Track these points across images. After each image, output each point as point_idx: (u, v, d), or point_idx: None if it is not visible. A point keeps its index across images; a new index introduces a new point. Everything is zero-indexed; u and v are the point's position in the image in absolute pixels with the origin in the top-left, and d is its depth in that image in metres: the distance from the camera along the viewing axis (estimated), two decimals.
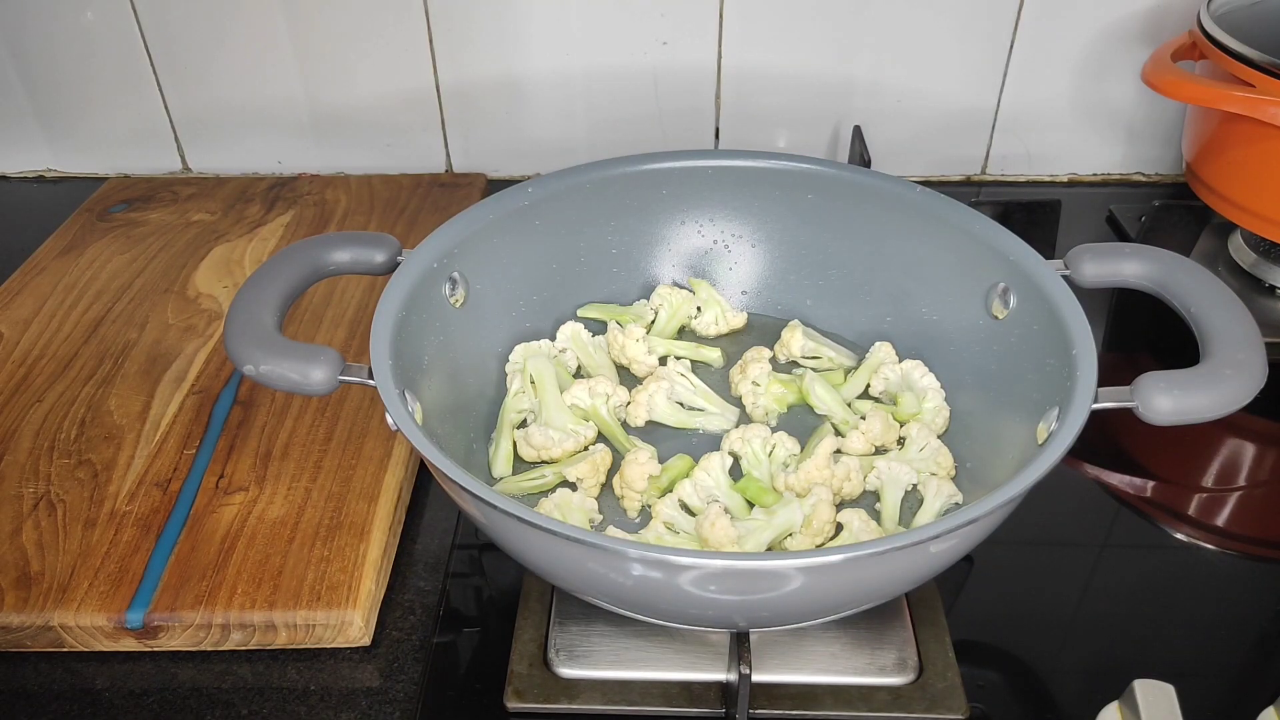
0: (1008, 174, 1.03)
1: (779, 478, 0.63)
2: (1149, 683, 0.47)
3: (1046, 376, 0.57)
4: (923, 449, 0.64)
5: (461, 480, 0.48)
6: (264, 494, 0.64)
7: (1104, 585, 0.62)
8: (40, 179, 1.06)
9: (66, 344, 0.77)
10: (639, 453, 0.62)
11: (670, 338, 0.74)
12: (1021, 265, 0.62)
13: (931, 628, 0.57)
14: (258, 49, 0.95)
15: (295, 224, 0.92)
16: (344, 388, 0.55)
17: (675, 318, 0.74)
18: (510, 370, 0.70)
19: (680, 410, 0.68)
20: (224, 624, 0.57)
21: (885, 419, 0.66)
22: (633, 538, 0.57)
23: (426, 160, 1.02)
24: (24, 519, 0.63)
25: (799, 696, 0.55)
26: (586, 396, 0.67)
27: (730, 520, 0.57)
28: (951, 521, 0.46)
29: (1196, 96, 0.75)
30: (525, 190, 0.69)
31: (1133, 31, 0.92)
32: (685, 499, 0.61)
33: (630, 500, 0.61)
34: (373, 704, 0.56)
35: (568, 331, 0.72)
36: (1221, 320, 0.55)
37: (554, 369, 0.68)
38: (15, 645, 0.58)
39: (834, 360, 0.72)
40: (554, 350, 0.71)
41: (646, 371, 0.71)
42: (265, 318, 0.56)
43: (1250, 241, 0.85)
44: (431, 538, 0.66)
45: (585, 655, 0.56)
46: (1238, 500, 0.69)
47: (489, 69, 0.96)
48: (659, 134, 1.00)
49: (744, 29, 0.93)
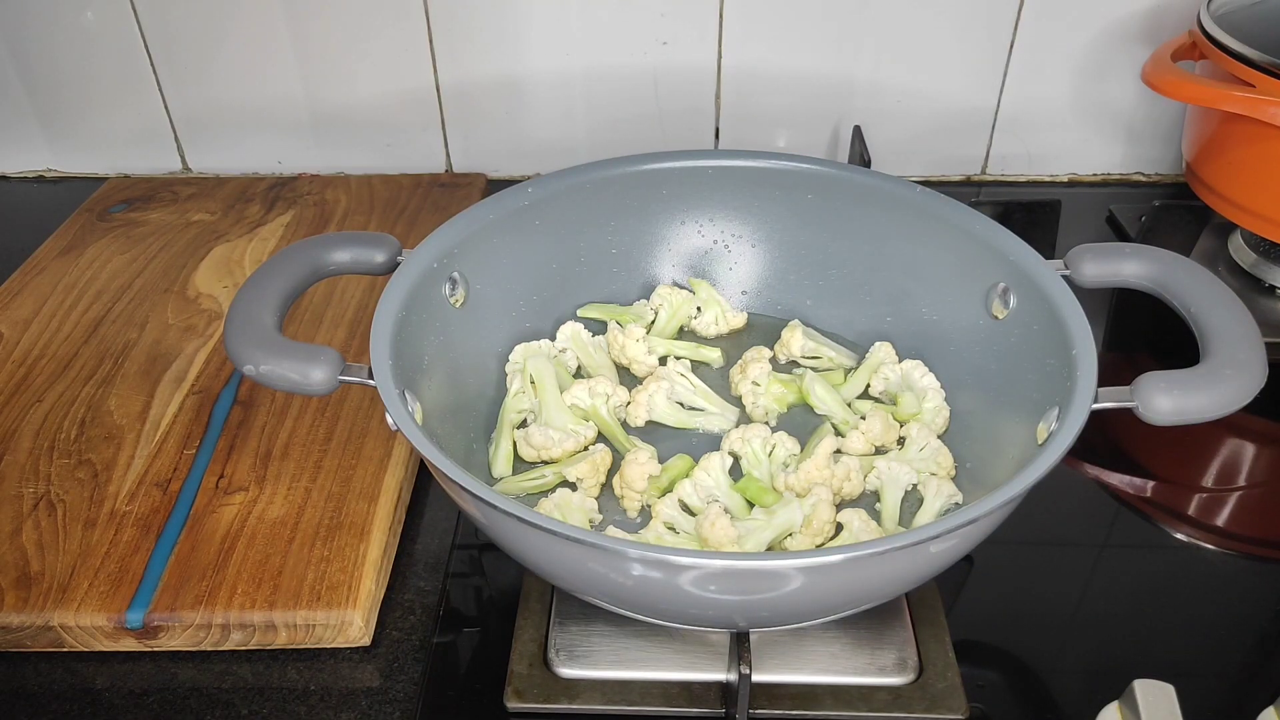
0: (1008, 174, 1.03)
1: (779, 478, 0.63)
2: (1149, 683, 0.47)
3: (1046, 376, 0.57)
4: (923, 449, 0.64)
5: (461, 480, 0.48)
6: (264, 494, 0.64)
7: (1104, 585, 0.62)
8: (40, 179, 1.06)
9: (66, 344, 0.77)
10: (639, 453, 0.62)
11: (670, 338, 0.74)
12: (1021, 265, 0.62)
13: (931, 628, 0.57)
14: (258, 49, 0.96)
15: (295, 224, 0.92)
16: (344, 388, 0.55)
17: (675, 318, 0.74)
18: (510, 370, 0.70)
19: (680, 410, 0.68)
20: (224, 624, 0.57)
21: (885, 419, 0.66)
22: (633, 538, 0.57)
23: (426, 160, 1.02)
24: (24, 519, 0.63)
25: (799, 696, 0.55)
26: (586, 396, 0.67)
27: (730, 520, 0.57)
28: (951, 521, 0.46)
29: (1196, 96, 0.75)
30: (525, 190, 0.69)
31: (1133, 31, 0.92)
32: (685, 499, 0.61)
33: (630, 500, 0.61)
34: (373, 704, 0.56)
35: (568, 331, 0.72)
36: (1221, 320, 0.55)
37: (554, 369, 0.68)
38: (15, 645, 0.58)
39: (834, 360, 0.72)
40: (554, 350, 0.71)
41: (646, 371, 0.71)
42: (265, 318, 0.56)
43: (1250, 241, 0.85)
44: (431, 538, 0.66)
45: (585, 655, 0.56)
46: (1238, 500, 0.69)
47: (489, 69, 0.96)
48: (659, 134, 1.00)
49: (744, 29, 0.93)
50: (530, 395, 0.67)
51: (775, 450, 0.64)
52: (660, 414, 0.68)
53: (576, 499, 0.61)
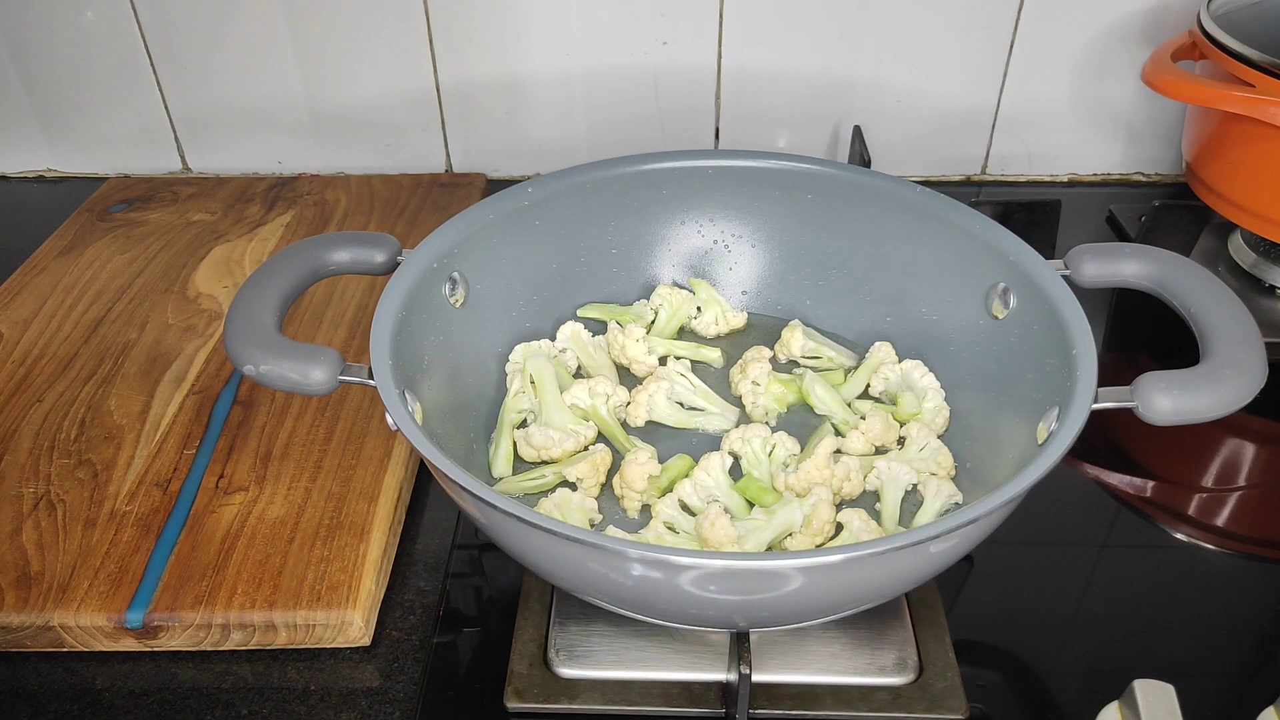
0: (1008, 174, 1.03)
1: (779, 477, 0.63)
2: (1149, 683, 0.47)
3: (1046, 376, 0.57)
4: (923, 449, 0.64)
5: (461, 480, 0.48)
6: (264, 494, 0.64)
7: (1104, 585, 0.62)
8: (40, 179, 1.06)
9: (66, 344, 0.77)
10: (639, 453, 0.62)
11: (670, 338, 0.74)
12: (1021, 265, 0.62)
13: (931, 628, 0.57)
14: (258, 49, 0.96)
15: (295, 224, 0.92)
16: (344, 388, 0.55)
17: (675, 318, 0.74)
18: (510, 370, 0.70)
19: (680, 410, 0.68)
20: (224, 624, 0.57)
21: (885, 419, 0.66)
22: (633, 538, 0.57)
23: (426, 160, 1.02)
24: (24, 519, 0.63)
25: (799, 696, 0.55)
26: (586, 396, 0.67)
27: (730, 520, 0.57)
28: (951, 521, 0.46)
29: (1196, 96, 0.75)
30: (525, 190, 0.69)
31: (1133, 31, 0.92)
32: (685, 499, 0.61)
33: (630, 500, 0.61)
34: (373, 704, 0.56)
35: (568, 331, 0.72)
36: (1221, 320, 0.55)
37: (554, 369, 0.68)
38: (15, 645, 0.58)
39: (834, 360, 0.72)
40: (554, 350, 0.71)
41: (646, 371, 0.71)
42: (265, 318, 0.56)
43: (1250, 241, 0.85)
44: (431, 538, 0.66)
45: (585, 655, 0.56)
46: (1238, 500, 0.69)
47: (489, 69, 0.96)
48: (659, 134, 1.00)
49: (744, 29, 0.93)
50: (530, 395, 0.67)
51: (775, 450, 0.64)
52: (660, 414, 0.68)
53: (576, 499, 0.61)
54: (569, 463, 0.64)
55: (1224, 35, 0.76)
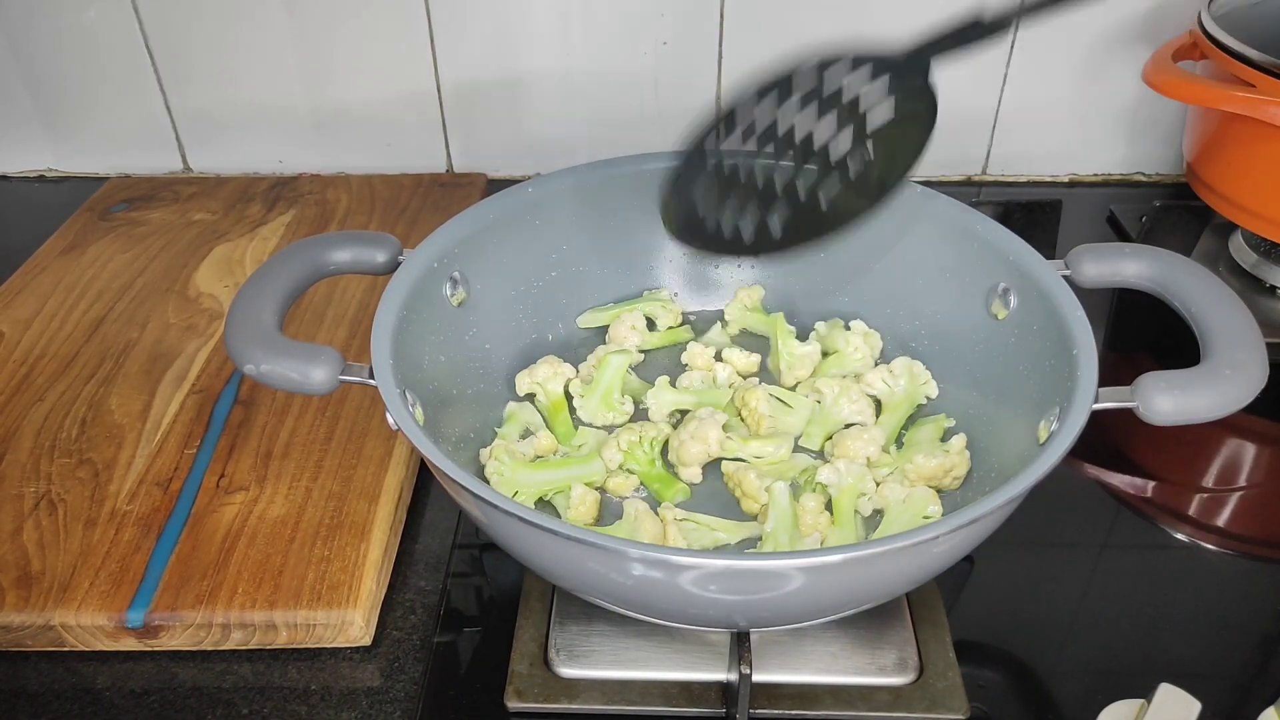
0: (1008, 174, 1.03)
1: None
2: (1174, 690, 0.47)
3: (1047, 377, 0.57)
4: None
5: (462, 480, 0.48)
6: (264, 493, 0.64)
7: (1104, 585, 0.62)
8: (41, 179, 1.06)
9: (68, 343, 0.77)
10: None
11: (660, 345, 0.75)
12: (1022, 265, 0.62)
13: (932, 628, 0.57)
14: (259, 49, 0.96)
15: (296, 223, 0.92)
16: (344, 387, 0.55)
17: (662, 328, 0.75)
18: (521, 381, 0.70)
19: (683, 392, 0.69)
20: (225, 623, 0.57)
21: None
22: (634, 539, 0.57)
23: (427, 160, 1.02)
24: (25, 518, 0.63)
25: (799, 696, 0.55)
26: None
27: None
28: (952, 521, 0.46)
29: (1197, 97, 0.75)
30: (525, 190, 0.69)
31: (1133, 31, 0.92)
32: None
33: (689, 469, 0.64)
34: (373, 704, 0.56)
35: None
36: (1222, 320, 0.55)
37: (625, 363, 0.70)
38: (16, 645, 0.58)
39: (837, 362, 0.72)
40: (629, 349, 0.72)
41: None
42: (266, 317, 0.56)
43: (1251, 241, 0.85)
44: (432, 537, 0.66)
45: (585, 655, 0.56)
46: (1238, 500, 0.69)
47: (490, 69, 0.96)
48: (659, 134, 1.00)
49: (744, 29, 0.93)
50: (535, 409, 0.68)
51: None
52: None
53: (647, 518, 0.61)
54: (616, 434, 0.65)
55: (1225, 35, 0.76)
